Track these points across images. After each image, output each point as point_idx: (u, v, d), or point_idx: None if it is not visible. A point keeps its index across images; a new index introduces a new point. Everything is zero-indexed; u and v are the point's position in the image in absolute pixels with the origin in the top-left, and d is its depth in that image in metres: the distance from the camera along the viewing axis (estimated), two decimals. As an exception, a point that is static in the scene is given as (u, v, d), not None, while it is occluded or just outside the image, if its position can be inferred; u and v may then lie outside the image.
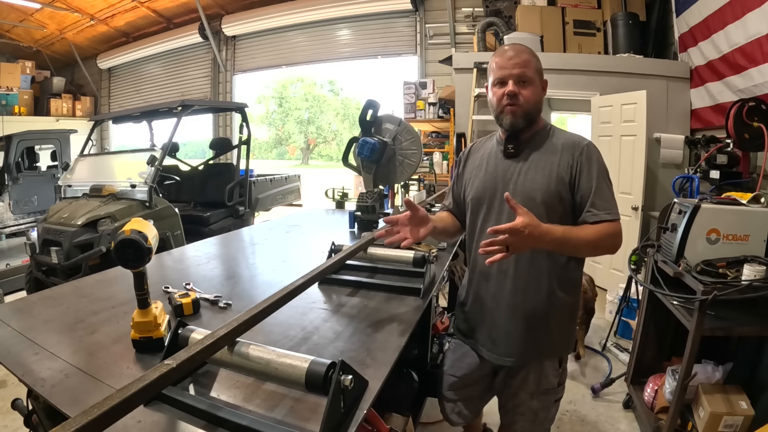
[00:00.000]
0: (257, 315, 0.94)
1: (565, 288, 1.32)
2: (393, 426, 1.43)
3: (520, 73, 1.26)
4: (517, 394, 1.40)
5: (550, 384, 1.38)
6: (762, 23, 2.99)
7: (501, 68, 1.29)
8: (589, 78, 4.51)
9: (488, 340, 1.40)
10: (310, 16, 7.17)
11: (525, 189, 1.28)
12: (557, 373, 1.39)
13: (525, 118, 1.29)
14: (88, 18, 7.80)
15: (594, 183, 1.24)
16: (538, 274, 1.30)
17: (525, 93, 1.27)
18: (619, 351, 3.08)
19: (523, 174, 1.30)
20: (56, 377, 0.95)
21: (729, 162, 2.92)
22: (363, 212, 2.50)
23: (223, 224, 4.47)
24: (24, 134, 5.66)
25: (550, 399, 1.40)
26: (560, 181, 1.26)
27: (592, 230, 1.21)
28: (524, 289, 1.31)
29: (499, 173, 1.34)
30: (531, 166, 1.30)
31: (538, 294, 1.31)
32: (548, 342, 1.35)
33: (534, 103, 1.29)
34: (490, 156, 1.40)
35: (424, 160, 5.28)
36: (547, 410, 1.40)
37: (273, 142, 25.22)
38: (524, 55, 1.28)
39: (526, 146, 1.33)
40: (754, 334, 1.89)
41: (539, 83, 1.31)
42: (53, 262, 3.32)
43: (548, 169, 1.28)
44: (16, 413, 1.23)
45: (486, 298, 1.39)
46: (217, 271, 1.85)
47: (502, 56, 1.30)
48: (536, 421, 1.40)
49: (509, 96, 1.27)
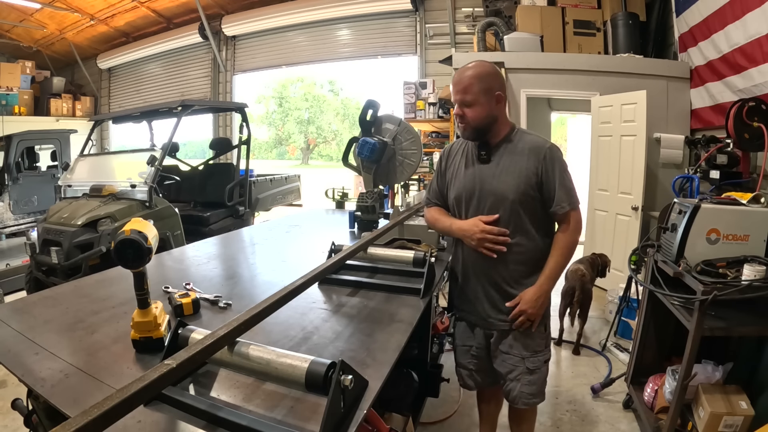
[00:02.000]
0: (257, 315, 0.94)
1: (541, 264, 1.55)
2: (393, 426, 1.43)
3: (460, 99, 1.50)
4: (510, 359, 1.60)
5: (538, 345, 1.60)
6: (762, 23, 2.98)
7: (452, 93, 1.54)
8: (589, 78, 4.51)
9: (478, 303, 1.62)
10: (310, 16, 7.17)
11: (499, 190, 1.52)
12: (543, 335, 1.62)
13: (474, 132, 1.53)
14: (88, 18, 7.80)
15: (556, 179, 1.49)
16: (517, 254, 1.53)
17: (469, 113, 1.50)
18: (619, 351, 3.08)
19: (496, 177, 1.53)
20: (56, 377, 0.95)
21: (729, 162, 2.91)
22: (363, 212, 2.49)
23: (223, 224, 4.47)
24: (24, 134, 5.66)
25: (539, 360, 1.61)
26: (528, 181, 1.50)
27: (562, 243, 1.53)
28: (497, 270, 1.56)
29: (476, 176, 1.57)
30: (503, 170, 1.52)
31: (518, 266, 1.55)
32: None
33: (480, 120, 1.50)
34: (468, 159, 1.61)
35: (424, 160, 5.27)
36: (539, 371, 1.61)
37: (273, 142, 25.22)
38: (466, 80, 1.49)
39: (496, 151, 1.55)
40: (754, 334, 1.89)
41: (484, 101, 1.49)
42: (53, 262, 3.32)
43: (517, 172, 1.50)
44: (16, 413, 1.23)
45: (474, 267, 1.61)
46: (217, 271, 1.85)
47: (453, 81, 1.54)
48: (531, 381, 1.60)
49: (457, 116, 1.53)
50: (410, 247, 1.87)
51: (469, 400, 2.39)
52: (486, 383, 1.77)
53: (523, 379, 1.60)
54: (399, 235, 2.07)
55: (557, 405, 2.49)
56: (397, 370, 1.50)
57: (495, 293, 1.58)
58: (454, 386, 2.38)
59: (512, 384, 1.62)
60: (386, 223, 2.05)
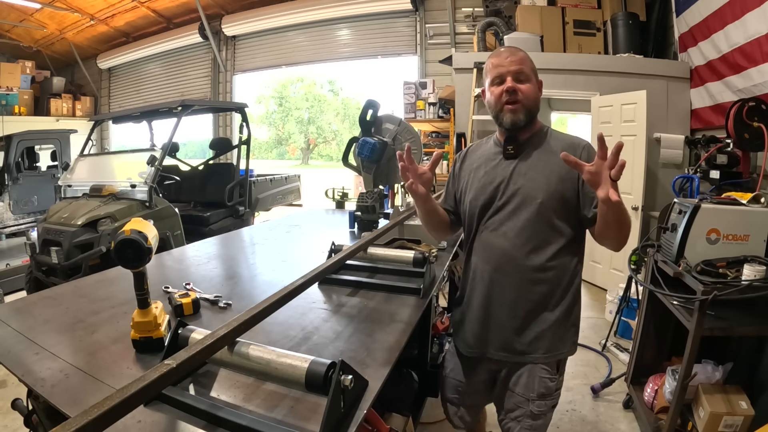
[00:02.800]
0: (257, 315, 0.94)
1: (568, 289, 1.32)
2: (393, 426, 1.43)
3: (517, 69, 1.27)
4: (514, 399, 1.39)
5: (548, 389, 1.37)
6: (761, 23, 2.99)
7: (497, 66, 1.29)
8: (589, 78, 4.51)
9: (482, 340, 1.39)
10: (310, 16, 7.17)
11: (526, 189, 1.28)
12: (554, 378, 1.38)
13: (525, 114, 1.28)
14: (88, 18, 7.80)
15: None
16: (529, 268, 1.29)
17: (524, 89, 1.27)
18: (619, 351, 3.08)
19: (523, 175, 1.30)
20: (56, 377, 0.95)
21: (729, 162, 2.91)
22: (363, 212, 2.49)
23: (223, 224, 4.47)
24: (24, 134, 5.66)
25: (547, 404, 1.38)
26: (561, 181, 1.26)
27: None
28: (522, 290, 1.31)
29: (498, 174, 1.34)
30: (531, 167, 1.30)
31: (529, 289, 1.30)
32: (545, 341, 1.33)
33: (533, 100, 1.29)
34: (488, 158, 1.39)
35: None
36: (543, 416, 1.39)
37: (273, 142, 25.22)
38: (520, 53, 1.30)
39: (525, 147, 1.33)
40: (754, 334, 1.89)
41: (536, 82, 1.31)
42: (53, 262, 3.32)
43: (548, 169, 1.28)
44: (16, 413, 1.23)
45: (482, 296, 1.37)
46: (217, 271, 1.85)
47: (497, 56, 1.31)
48: (532, 427, 1.38)
49: (508, 92, 1.26)
50: (410, 247, 1.87)
51: (469, 400, 2.39)
52: (476, 422, 1.61)
53: (524, 422, 1.38)
54: (399, 235, 2.07)
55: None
56: (397, 370, 1.50)
57: (515, 321, 1.33)
58: (454, 386, 2.38)
59: (511, 423, 1.41)
60: (386, 223, 2.05)
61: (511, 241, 1.30)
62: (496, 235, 1.33)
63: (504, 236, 1.31)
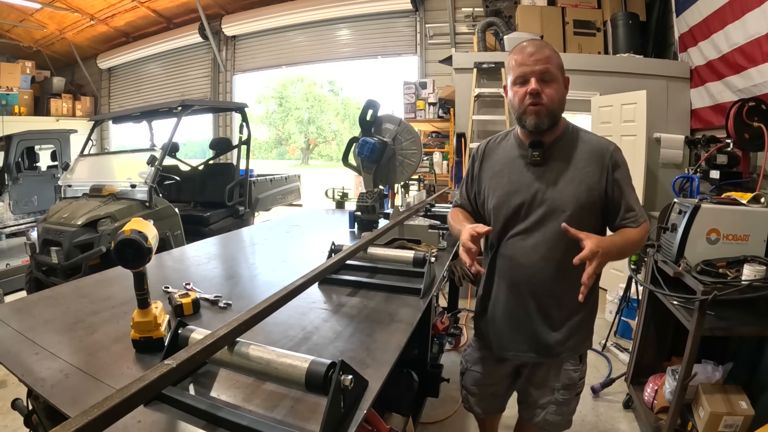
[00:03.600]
0: (257, 315, 0.94)
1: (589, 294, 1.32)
2: (393, 426, 1.43)
3: (542, 69, 1.20)
4: (540, 390, 1.45)
5: (572, 379, 1.41)
6: (761, 23, 2.98)
7: (521, 65, 1.22)
8: (589, 78, 4.51)
9: (511, 341, 1.42)
10: (310, 16, 7.17)
11: (554, 201, 1.25)
12: (578, 369, 1.42)
13: (549, 118, 1.24)
14: (88, 18, 7.80)
15: (625, 189, 1.26)
16: (560, 278, 1.29)
17: (548, 91, 1.21)
18: (619, 351, 3.08)
19: (551, 185, 1.26)
20: (56, 377, 0.95)
21: (729, 162, 2.91)
22: (363, 212, 2.49)
23: (223, 224, 4.47)
24: (24, 134, 5.65)
25: (571, 393, 1.43)
26: (590, 192, 1.24)
27: (634, 233, 1.25)
28: (547, 292, 1.33)
29: (524, 183, 1.29)
30: (559, 177, 1.26)
31: (560, 297, 1.32)
32: (571, 340, 1.37)
33: (558, 102, 1.24)
34: (512, 162, 1.34)
35: (424, 160, 5.28)
36: (568, 403, 1.44)
37: (273, 142, 25.21)
38: (546, 50, 1.22)
39: (551, 152, 1.28)
40: (754, 334, 1.89)
41: (562, 81, 1.25)
42: (53, 262, 3.31)
43: (577, 179, 1.25)
44: (16, 413, 1.23)
45: (510, 304, 1.39)
46: (217, 271, 1.85)
47: (521, 53, 1.23)
48: (558, 412, 1.43)
49: (532, 95, 1.20)
50: (410, 247, 1.87)
51: (469, 400, 2.39)
52: (494, 410, 1.66)
53: (549, 408, 1.43)
54: (399, 235, 2.07)
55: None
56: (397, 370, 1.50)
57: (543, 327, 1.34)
58: (454, 386, 2.38)
59: (536, 410, 1.46)
60: (386, 223, 2.05)
61: (539, 252, 1.29)
62: (523, 246, 1.32)
63: (533, 248, 1.30)
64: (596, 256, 1.08)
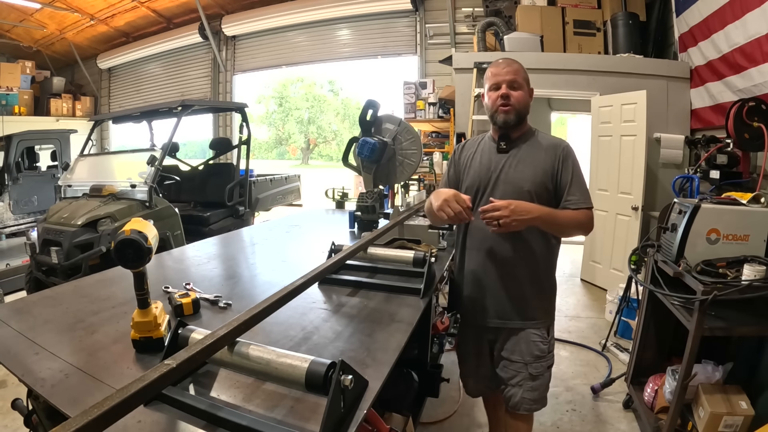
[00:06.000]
0: (257, 315, 0.94)
1: (545, 267, 1.59)
2: (393, 426, 1.43)
3: (511, 79, 1.52)
4: (514, 364, 1.60)
5: (542, 351, 1.59)
6: (762, 23, 2.99)
7: (495, 75, 1.54)
8: (589, 78, 4.51)
9: (481, 308, 1.62)
10: (310, 16, 7.17)
11: (515, 179, 1.52)
12: (546, 341, 1.60)
13: (516, 115, 1.53)
14: (88, 18, 7.80)
15: (571, 177, 1.50)
16: (516, 250, 1.54)
17: (515, 95, 1.52)
18: (619, 351, 3.08)
19: (513, 167, 1.54)
20: (56, 377, 0.95)
21: (729, 162, 2.92)
22: (363, 212, 2.49)
23: (223, 224, 4.47)
24: (24, 134, 5.66)
25: (542, 365, 1.59)
26: (545, 173, 1.51)
27: (572, 213, 1.48)
28: (505, 261, 1.55)
29: (492, 165, 1.57)
30: (520, 161, 1.54)
31: (523, 268, 1.55)
32: (533, 309, 1.58)
33: (523, 104, 1.54)
34: (483, 150, 1.63)
35: (424, 160, 5.27)
36: (542, 376, 1.59)
37: (273, 142, 25.23)
38: (515, 65, 1.55)
39: (515, 144, 1.57)
40: (754, 334, 1.89)
41: (527, 90, 1.56)
42: (53, 262, 3.32)
43: (534, 163, 1.53)
44: (16, 413, 1.23)
45: (478, 271, 1.61)
46: (217, 271, 1.85)
47: (496, 66, 1.56)
48: (533, 387, 1.58)
49: (503, 97, 1.52)
50: (410, 247, 1.87)
51: (469, 400, 2.39)
52: (491, 389, 1.79)
53: (525, 385, 1.58)
54: (399, 235, 2.07)
55: (557, 405, 2.49)
56: (397, 370, 1.50)
57: (504, 293, 1.57)
58: (454, 386, 2.38)
59: (514, 390, 1.61)
60: (386, 223, 2.05)
61: None
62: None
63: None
64: (506, 208, 1.34)
